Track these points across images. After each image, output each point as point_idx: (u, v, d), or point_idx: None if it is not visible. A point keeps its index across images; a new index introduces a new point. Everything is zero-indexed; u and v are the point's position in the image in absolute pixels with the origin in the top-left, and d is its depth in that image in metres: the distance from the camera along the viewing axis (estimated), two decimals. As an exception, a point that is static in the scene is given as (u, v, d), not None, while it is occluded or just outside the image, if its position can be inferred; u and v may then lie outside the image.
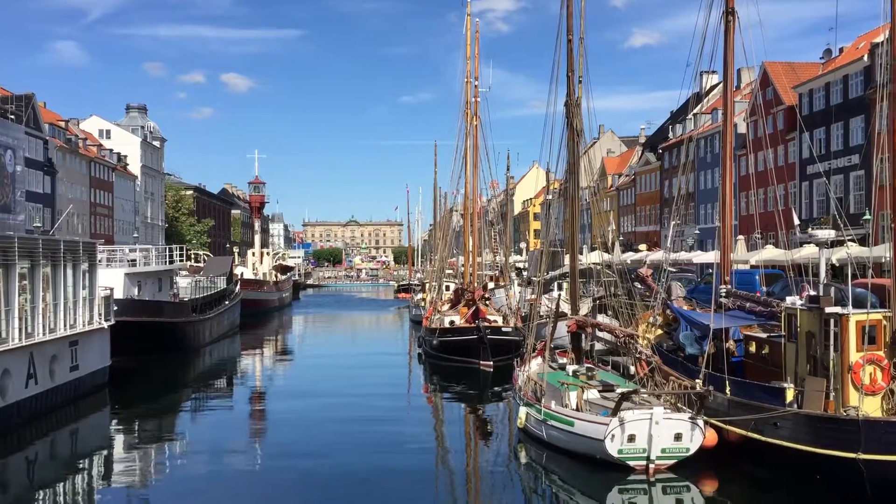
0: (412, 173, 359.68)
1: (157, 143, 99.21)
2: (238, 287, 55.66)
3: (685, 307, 22.92)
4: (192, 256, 64.40)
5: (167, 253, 43.46)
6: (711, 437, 16.45)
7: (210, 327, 42.51)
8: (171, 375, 32.40)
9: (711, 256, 31.22)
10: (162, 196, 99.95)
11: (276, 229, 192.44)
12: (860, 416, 14.01)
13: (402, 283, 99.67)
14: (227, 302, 48.50)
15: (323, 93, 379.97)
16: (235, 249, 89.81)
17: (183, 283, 45.97)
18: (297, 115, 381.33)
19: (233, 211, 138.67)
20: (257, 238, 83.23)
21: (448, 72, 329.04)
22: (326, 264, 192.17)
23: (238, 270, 64.84)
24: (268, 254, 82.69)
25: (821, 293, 15.96)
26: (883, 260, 16.89)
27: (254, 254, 78.86)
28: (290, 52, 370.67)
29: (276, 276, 77.35)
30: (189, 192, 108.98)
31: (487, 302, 36.88)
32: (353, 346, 47.90)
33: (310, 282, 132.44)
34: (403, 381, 33.02)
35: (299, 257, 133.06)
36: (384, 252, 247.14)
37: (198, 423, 24.66)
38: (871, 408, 14.49)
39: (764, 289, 26.65)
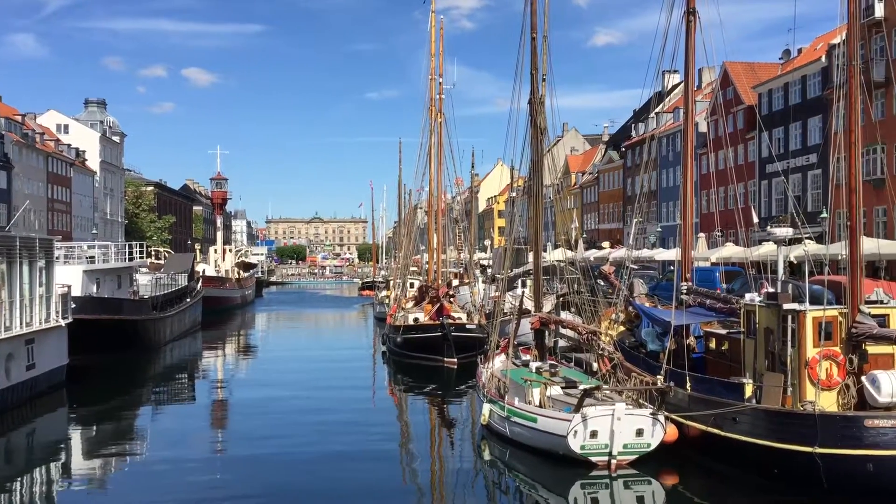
0: (377, 170, 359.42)
1: (116, 139, 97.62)
2: (200, 284, 55.03)
3: (647, 304, 23.14)
4: (153, 253, 63.39)
5: (127, 250, 42.82)
6: (672, 433, 16.64)
7: (171, 325, 41.97)
8: (130, 374, 31.92)
9: (673, 254, 31.57)
10: (122, 192, 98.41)
11: (238, 226, 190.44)
12: (816, 411, 14.28)
13: (366, 280, 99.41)
14: (188, 299, 47.92)
15: (287, 89, 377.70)
16: (197, 246, 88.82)
17: (143, 280, 45.29)
18: (260, 111, 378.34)
19: (194, 207, 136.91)
20: (219, 235, 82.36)
21: (413, 69, 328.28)
22: (290, 261, 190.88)
23: (200, 267, 64.16)
24: (230, 251, 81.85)
25: (779, 290, 16.21)
26: (839, 257, 17.19)
27: (216, 251, 77.98)
28: (253, 47, 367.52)
29: (238, 274, 76.63)
30: (150, 189, 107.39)
31: (451, 299, 36.90)
32: (317, 343, 47.60)
33: (273, 279, 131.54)
34: (367, 378, 32.91)
35: (262, 254, 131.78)
36: (348, 249, 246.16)
37: (158, 421, 24.34)
38: (827, 402, 14.77)
39: (724, 286, 27.09)
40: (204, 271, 63.72)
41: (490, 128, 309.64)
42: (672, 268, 28.10)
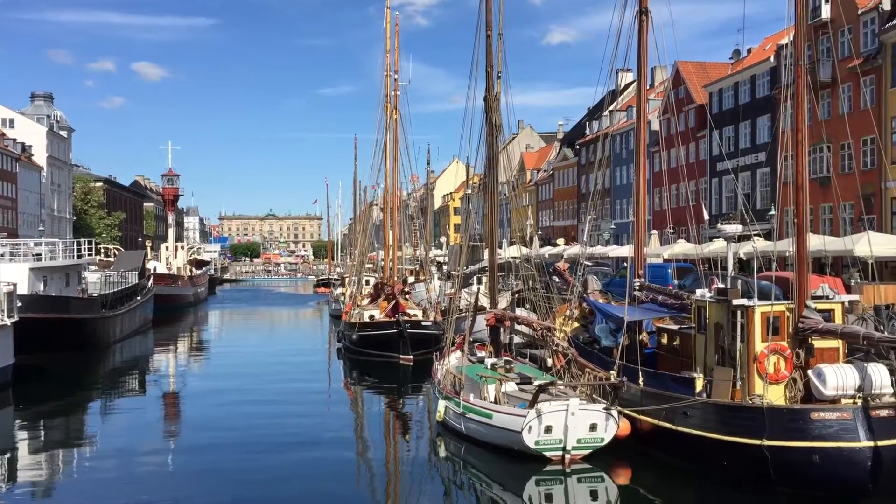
0: (332, 167, 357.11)
1: (64, 133, 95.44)
2: (151, 282, 54.15)
3: (601, 300, 23.40)
4: (102, 250, 62.25)
5: (75, 247, 41.93)
6: (625, 427, 16.85)
7: (121, 323, 41.24)
8: (79, 374, 31.28)
9: (626, 250, 31.94)
10: (70, 188, 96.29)
11: (191, 223, 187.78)
12: (764, 404, 14.57)
13: (321, 277, 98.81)
14: (138, 297, 47.11)
15: (239, 83, 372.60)
16: (148, 243, 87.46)
17: (92, 278, 44.41)
18: (212, 106, 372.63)
19: (145, 204, 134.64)
20: (171, 232, 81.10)
21: (368, 65, 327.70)
22: (244, 259, 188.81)
23: (151, 265, 63.10)
24: (182, 248, 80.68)
25: (728, 286, 16.49)
26: (787, 254, 17.57)
27: (167, 248, 76.80)
28: (204, 40, 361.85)
29: (190, 271, 75.60)
30: (99, 185, 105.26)
31: (407, 296, 36.89)
32: (272, 341, 47.17)
33: (227, 276, 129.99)
34: (323, 376, 32.72)
35: (215, 251, 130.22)
36: (303, 246, 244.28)
37: (108, 421, 23.88)
38: (775, 396, 15.07)
39: (676, 282, 27.45)
40: (155, 269, 62.69)
41: (446, 125, 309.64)
42: (625, 264, 28.42)
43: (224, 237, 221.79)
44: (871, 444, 13.54)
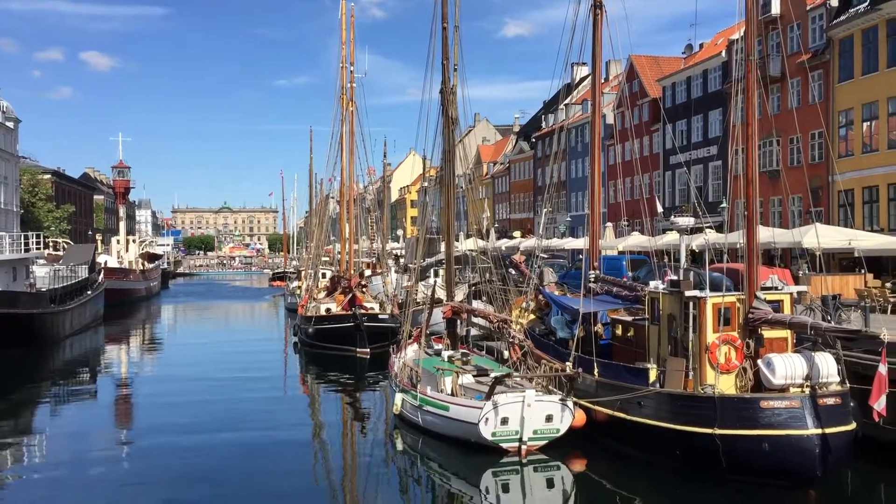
0: (287, 159, 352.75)
1: (10, 124, 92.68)
2: (101, 276, 53.17)
3: (556, 292, 23.58)
4: (51, 244, 60.81)
5: (22, 241, 40.96)
6: (580, 418, 17.04)
7: (70, 318, 40.42)
8: (27, 370, 30.60)
9: (582, 243, 32.21)
10: (16, 180, 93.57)
11: (142, 216, 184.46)
12: (716, 394, 14.84)
13: (276, 271, 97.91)
14: (89, 292, 46.23)
15: (192, 74, 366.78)
16: (99, 237, 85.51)
17: (40, 272, 43.45)
18: (164, 97, 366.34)
19: (95, 197, 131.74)
20: (122, 225, 79.68)
21: (324, 56, 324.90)
22: (198, 252, 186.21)
23: (101, 259, 62.01)
24: (134, 241, 79.26)
25: (681, 278, 16.74)
26: (738, 246, 17.88)
27: (118, 241, 75.45)
28: (155, 30, 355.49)
29: (142, 265, 74.39)
30: (47, 177, 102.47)
31: (364, 289, 36.76)
32: (226, 335, 46.61)
33: (180, 270, 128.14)
34: (278, 370, 32.45)
35: (168, 245, 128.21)
36: (259, 239, 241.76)
37: (58, 419, 23.38)
38: (726, 385, 15.36)
39: (630, 274, 27.81)
40: (106, 263, 61.58)
41: (402, 117, 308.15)
42: (581, 256, 28.69)
43: (177, 230, 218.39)
44: (819, 431, 13.88)
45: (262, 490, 15.33)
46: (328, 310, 35.03)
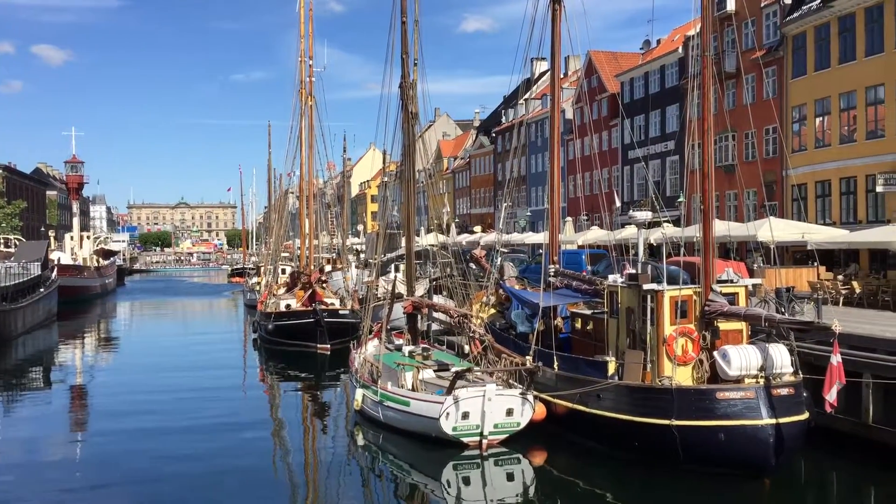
0: (246, 154, 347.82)
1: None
2: (55, 273, 52.14)
3: (517, 287, 23.68)
4: (2, 241, 59.49)
5: (-28, 237, 39.95)
6: (541, 411, 17.16)
7: (23, 317, 39.59)
8: (-22, 370, 29.85)
9: (541, 237, 32.39)
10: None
11: (97, 212, 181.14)
12: (673, 386, 15.05)
13: (235, 267, 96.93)
14: (41, 289, 45.32)
15: (147, 68, 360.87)
16: (51, 233, 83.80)
17: (-9, 269, 42.39)
18: (118, 92, 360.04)
19: (48, 192, 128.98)
20: (76, 221, 78.19)
21: (282, 50, 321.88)
22: (155, 248, 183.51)
23: (54, 255, 60.75)
24: (88, 238, 77.83)
25: (639, 271, 16.91)
26: (694, 239, 18.11)
27: (72, 238, 74.02)
28: (109, 23, 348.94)
29: (97, 262, 73.09)
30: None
31: (324, 285, 36.55)
32: (184, 333, 46.00)
33: (136, 267, 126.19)
34: (238, 367, 32.10)
35: (124, 241, 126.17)
36: (217, 235, 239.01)
37: (10, 417, 22.85)
38: (683, 377, 15.57)
39: (589, 268, 27.99)
40: (59, 259, 60.35)
41: (362, 112, 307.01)
42: (541, 251, 28.83)
43: (133, 226, 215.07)
44: (773, 421, 14.15)
45: (222, 487, 15.16)
46: (288, 306, 34.76)
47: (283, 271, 46.11)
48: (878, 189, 29.94)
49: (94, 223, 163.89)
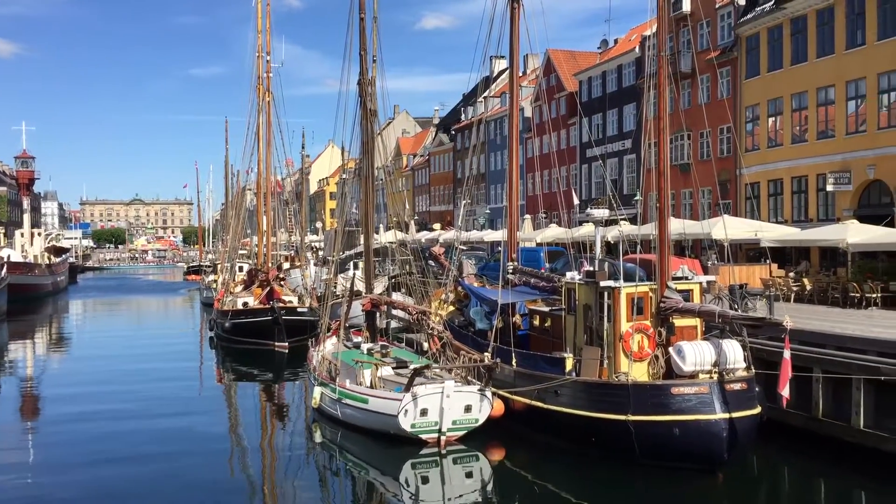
0: (202, 150, 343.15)
1: None
2: (4, 271, 50.98)
3: (476, 284, 23.75)
4: (-51, 238, 58.04)
5: (-83, 234, 38.86)
6: (499, 408, 17.23)
7: (-29, 316, 38.59)
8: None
9: (500, 235, 32.54)
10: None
11: (49, 208, 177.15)
12: (629, 381, 15.22)
13: (192, 264, 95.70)
14: (-9, 287, 44.28)
15: (101, 62, 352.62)
16: (1, 230, 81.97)
17: (-63, 267, 41.34)
18: (71, 85, 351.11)
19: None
20: (26, 218, 76.47)
21: (239, 45, 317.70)
22: (108, 245, 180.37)
23: (4, 253, 59.46)
24: (39, 234, 76.23)
25: (596, 268, 17.07)
26: (651, 237, 18.35)
27: (22, 235, 72.42)
28: (61, 16, 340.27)
29: (49, 259, 71.60)
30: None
31: (282, 282, 36.26)
32: (139, 332, 45.28)
33: (89, 264, 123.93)
34: (194, 365, 31.68)
35: (76, 238, 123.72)
36: (173, 232, 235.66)
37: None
38: (639, 373, 15.77)
39: (547, 265, 28.22)
40: (9, 257, 58.98)
41: (321, 108, 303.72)
42: (499, 248, 28.95)
43: (86, 223, 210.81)
44: (726, 415, 14.40)
45: (178, 486, 14.96)
46: (245, 304, 34.43)
47: (241, 269, 45.63)
48: (829, 188, 30.62)
49: (46, 220, 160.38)
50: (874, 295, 22.64)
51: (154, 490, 14.84)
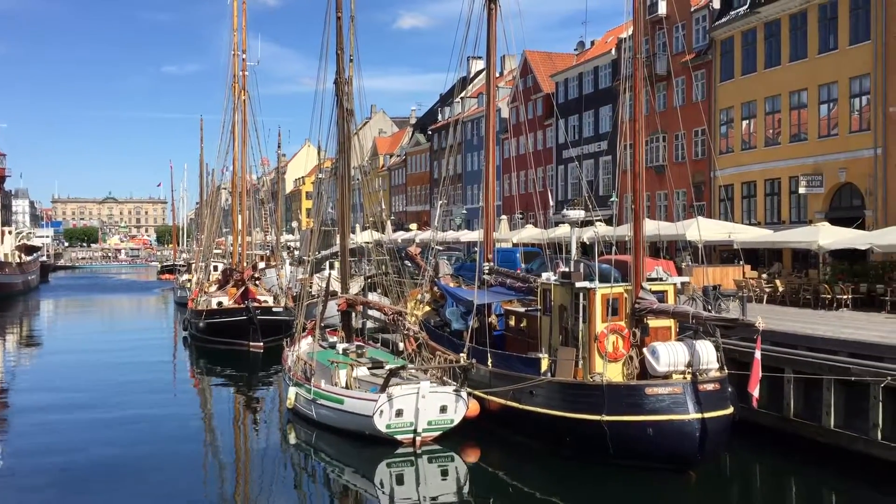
0: (177, 148, 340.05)
1: None
2: (-26, 270, 50.22)
3: (451, 284, 23.75)
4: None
5: None
6: (474, 408, 17.25)
7: (-61, 315, 37.97)
8: None
9: (476, 235, 32.57)
10: None
11: (20, 206, 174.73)
12: (604, 382, 15.30)
13: (166, 263, 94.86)
14: (-40, 286, 43.60)
15: (74, 58, 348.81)
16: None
17: None
18: (44, 83, 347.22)
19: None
20: (-3, 216, 75.39)
21: (215, 43, 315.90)
22: (81, 244, 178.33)
23: (-26, 251, 58.52)
24: (9, 233, 75.11)
25: (572, 269, 17.14)
26: (626, 238, 18.45)
27: (-7, 233, 71.38)
28: (31, 11, 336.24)
29: (19, 258, 70.68)
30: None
31: (258, 282, 36.05)
32: (111, 331, 44.78)
33: (61, 263, 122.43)
34: (167, 366, 31.38)
35: (48, 237, 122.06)
36: (146, 231, 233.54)
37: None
38: (614, 373, 15.85)
39: (523, 266, 28.30)
40: (-21, 255, 58.17)
41: (297, 107, 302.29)
42: (476, 249, 28.99)
43: (58, 221, 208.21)
44: (699, 416, 14.52)
45: (151, 487, 14.84)
46: (220, 303, 34.19)
47: (215, 268, 45.34)
48: (801, 190, 30.98)
49: (17, 218, 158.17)
50: (845, 296, 22.95)
51: (124, 491, 14.70)
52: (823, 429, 15.68)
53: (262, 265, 43.22)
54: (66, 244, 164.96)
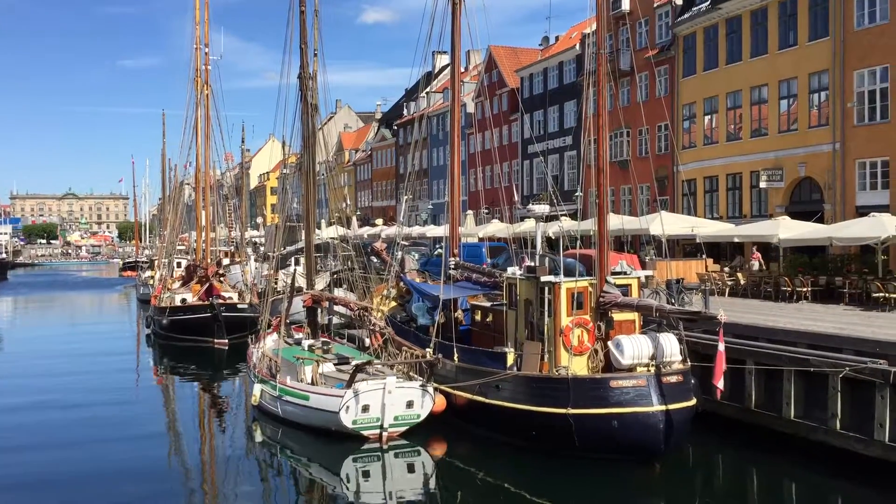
0: (139, 143, 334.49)
1: None
2: (-71, 268, 49.11)
3: (418, 279, 23.73)
4: None
5: None
6: (440, 403, 17.27)
7: None
8: None
9: (442, 230, 32.57)
10: None
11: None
12: (569, 375, 15.41)
13: (128, 260, 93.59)
14: (-86, 285, 42.58)
15: (30, 51, 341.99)
16: (-75, 225, 79.05)
17: None
18: None
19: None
20: (-47, 212, 73.76)
21: (176, 36, 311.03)
22: (40, 241, 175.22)
23: (-71, 249, 57.24)
24: (-33, 230, 73.64)
25: (537, 264, 17.23)
26: (591, 232, 18.59)
27: (-51, 230, 69.88)
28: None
29: (-23, 255, 69.25)
30: None
31: (222, 279, 35.72)
32: (73, 330, 44.02)
33: (20, 260, 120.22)
34: (130, 363, 31.01)
35: (6, 234, 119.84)
36: (108, 227, 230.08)
37: None
38: (579, 367, 15.97)
39: (489, 260, 28.34)
40: (-66, 253, 56.89)
41: (261, 102, 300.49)
42: (441, 244, 29.00)
43: (16, 218, 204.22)
44: (663, 408, 14.68)
45: (112, 488, 14.65)
46: (183, 300, 33.84)
47: (179, 265, 44.81)
48: (762, 185, 31.44)
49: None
50: (804, 289, 23.35)
51: (86, 492, 14.50)
52: (784, 419, 15.95)
53: (226, 261, 42.83)
54: (25, 241, 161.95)
